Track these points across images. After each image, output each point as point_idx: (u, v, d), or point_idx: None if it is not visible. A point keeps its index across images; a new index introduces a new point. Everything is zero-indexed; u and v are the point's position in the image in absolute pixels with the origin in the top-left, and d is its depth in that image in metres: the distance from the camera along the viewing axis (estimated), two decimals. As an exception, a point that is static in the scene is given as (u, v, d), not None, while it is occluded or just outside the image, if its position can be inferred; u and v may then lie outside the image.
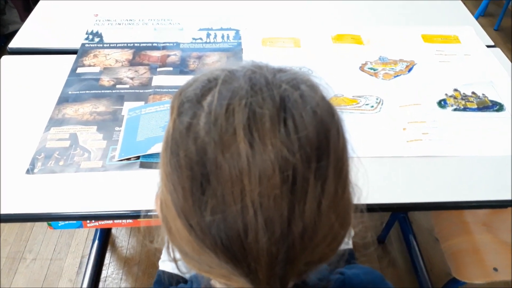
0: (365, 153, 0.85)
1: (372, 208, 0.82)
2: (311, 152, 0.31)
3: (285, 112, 0.31)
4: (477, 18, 2.45)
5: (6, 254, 1.48)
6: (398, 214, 1.54)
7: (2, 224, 1.56)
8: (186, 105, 0.34)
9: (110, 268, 1.47)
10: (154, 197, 0.40)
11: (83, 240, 1.54)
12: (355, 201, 0.38)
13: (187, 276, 0.70)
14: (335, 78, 1.02)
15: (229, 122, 0.31)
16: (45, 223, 1.58)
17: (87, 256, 1.46)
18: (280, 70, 0.35)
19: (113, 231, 1.57)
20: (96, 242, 1.48)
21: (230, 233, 0.31)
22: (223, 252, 0.31)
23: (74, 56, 1.07)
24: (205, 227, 0.32)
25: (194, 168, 0.32)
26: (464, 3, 1.36)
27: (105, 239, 1.49)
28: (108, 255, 1.50)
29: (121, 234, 1.56)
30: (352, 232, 0.75)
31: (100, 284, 1.42)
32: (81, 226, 0.89)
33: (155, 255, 0.73)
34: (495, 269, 1.01)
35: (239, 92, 0.32)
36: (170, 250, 0.40)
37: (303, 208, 0.31)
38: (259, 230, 0.30)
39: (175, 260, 0.41)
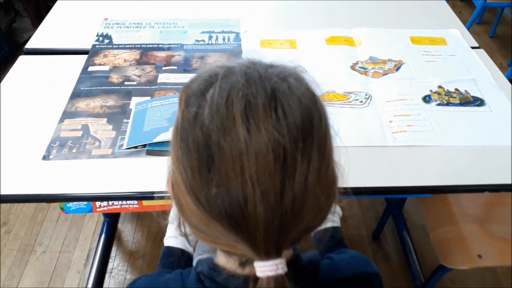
0: (354, 143, 0.92)
1: (360, 192, 0.90)
2: (297, 134, 0.37)
3: (275, 101, 0.37)
4: (470, 26, 2.54)
5: (17, 247, 1.55)
6: (392, 210, 1.60)
7: (14, 219, 1.64)
8: (192, 98, 0.40)
9: (116, 261, 1.54)
10: (166, 180, 0.45)
11: (91, 234, 1.61)
12: (339, 178, 0.43)
13: (190, 249, 0.77)
14: (327, 76, 1.10)
15: (229, 111, 0.37)
16: (54, 219, 1.66)
17: (94, 249, 1.53)
18: (271, 66, 0.42)
19: (119, 226, 1.64)
20: (103, 235, 1.55)
21: (232, 204, 0.36)
22: (227, 221, 0.37)
23: (85, 56, 1.15)
24: (211, 200, 0.37)
25: (201, 150, 0.37)
26: (461, 12, 1.44)
27: (111, 233, 1.56)
28: (114, 249, 1.57)
29: (126, 229, 1.63)
30: (340, 212, 0.81)
31: (106, 276, 1.49)
32: (91, 210, 0.96)
33: (159, 248, 0.79)
34: (479, 256, 1.06)
35: (236, 85, 0.38)
36: (182, 226, 0.45)
37: (293, 181, 0.36)
38: (257, 200, 0.36)
39: (186, 235, 0.47)
